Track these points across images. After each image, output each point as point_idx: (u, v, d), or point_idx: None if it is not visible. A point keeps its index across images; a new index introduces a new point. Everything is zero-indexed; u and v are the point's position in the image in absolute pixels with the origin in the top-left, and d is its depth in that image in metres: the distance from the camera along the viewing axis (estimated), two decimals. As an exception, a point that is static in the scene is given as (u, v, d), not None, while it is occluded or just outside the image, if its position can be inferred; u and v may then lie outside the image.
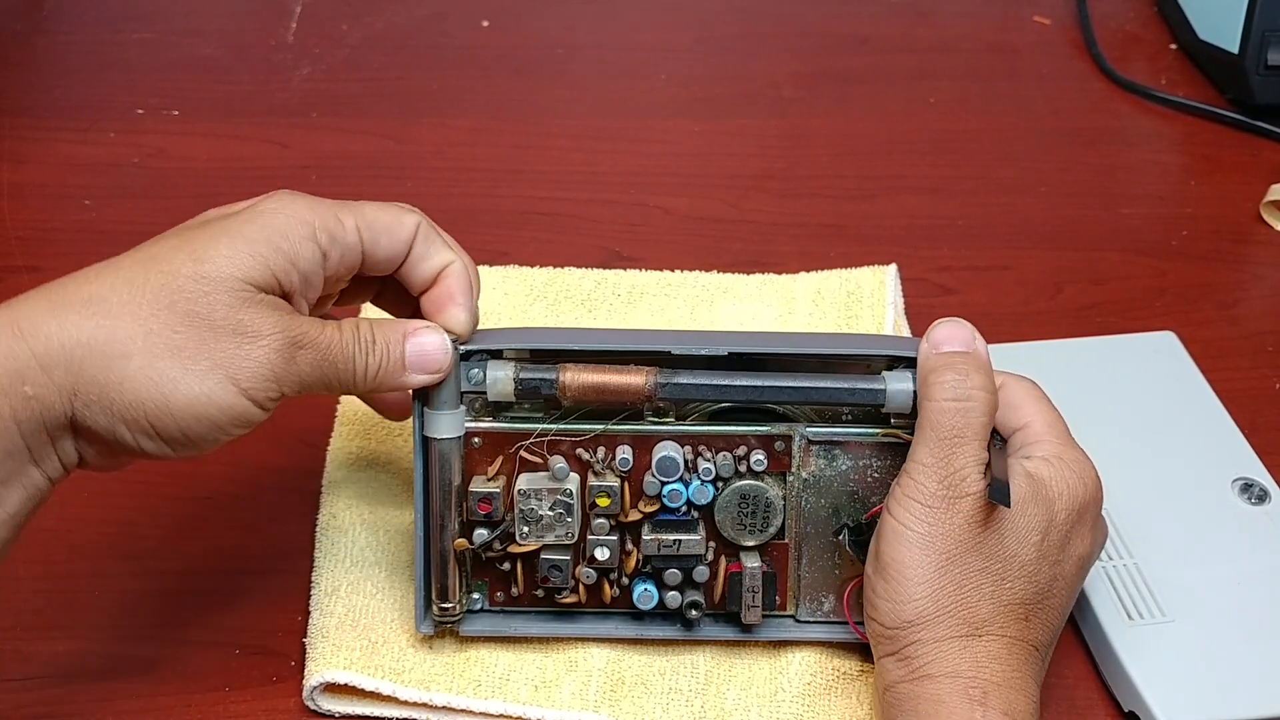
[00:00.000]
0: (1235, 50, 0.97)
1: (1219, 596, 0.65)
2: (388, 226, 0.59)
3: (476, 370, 0.60)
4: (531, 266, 0.83)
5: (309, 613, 0.65)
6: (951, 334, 0.60)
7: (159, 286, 0.53)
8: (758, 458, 0.61)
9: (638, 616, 0.64)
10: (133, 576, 0.68)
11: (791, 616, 0.64)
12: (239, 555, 0.69)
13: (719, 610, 0.64)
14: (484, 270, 0.82)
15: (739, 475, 0.62)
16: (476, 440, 0.61)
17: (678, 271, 0.83)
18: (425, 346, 0.59)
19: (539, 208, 0.90)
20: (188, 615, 0.66)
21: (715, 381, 0.60)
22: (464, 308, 0.60)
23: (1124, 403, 0.74)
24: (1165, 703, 0.61)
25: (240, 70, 1.02)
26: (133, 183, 0.92)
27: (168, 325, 0.53)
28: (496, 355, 0.61)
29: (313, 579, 0.67)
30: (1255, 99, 0.97)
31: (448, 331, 0.60)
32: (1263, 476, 0.71)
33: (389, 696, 0.62)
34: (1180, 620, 0.64)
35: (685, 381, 0.60)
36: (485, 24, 1.07)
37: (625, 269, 0.83)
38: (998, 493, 0.55)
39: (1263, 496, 0.70)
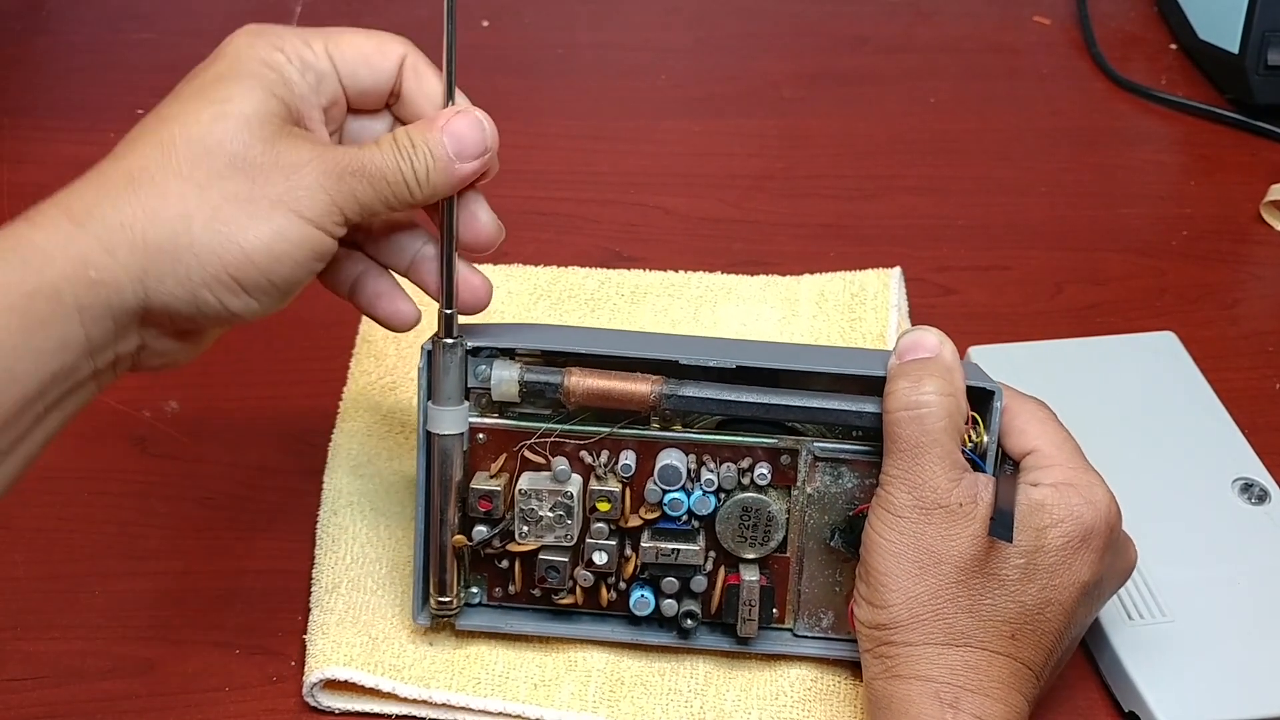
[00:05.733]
0: (1235, 50, 0.97)
1: (1219, 596, 0.65)
2: (366, 56, 0.57)
3: (483, 367, 0.60)
4: (535, 266, 0.83)
5: (309, 610, 0.65)
6: (915, 341, 0.59)
7: (190, 138, 0.52)
8: (762, 471, 0.61)
9: (634, 621, 0.64)
10: (133, 576, 0.68)
11: (789, 630, 0.64)
12: (239, 555, 0.69)
13: (716, 620, 0.63)
14: (487, 269, 0.81)
15: (742, 487, 0.61)
16: (481, 436, 0.61)
17: (682, 272, 0.83)
18: (460, 132, 0.56)
19: (539, 208, 0.90)
20: (188, 615, 0.66)
21: (721, 396, 0.60)
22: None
23: (1124, 403, 0.74)
24: (1165, 703, 0.61)
25: (240, 70, 1.02)
26: (133, 183, 0.92)
27: (214, 174, 0.51)
28: (506, 354, 0.60)
29: (313, 575, 0.67)
30: (1255, 99, 0.97)
31: None
32: (1263, 476, 0.71)
33: (389, 693, 0.62)
34: (1180, 620, 0.64)
35: (691, 394, 0.60)
36: (485, 24, 1.07)
37: (626, 269, 0.83)
38: (999, 527, 0.55)
39: (1263, 496, 0.70)
